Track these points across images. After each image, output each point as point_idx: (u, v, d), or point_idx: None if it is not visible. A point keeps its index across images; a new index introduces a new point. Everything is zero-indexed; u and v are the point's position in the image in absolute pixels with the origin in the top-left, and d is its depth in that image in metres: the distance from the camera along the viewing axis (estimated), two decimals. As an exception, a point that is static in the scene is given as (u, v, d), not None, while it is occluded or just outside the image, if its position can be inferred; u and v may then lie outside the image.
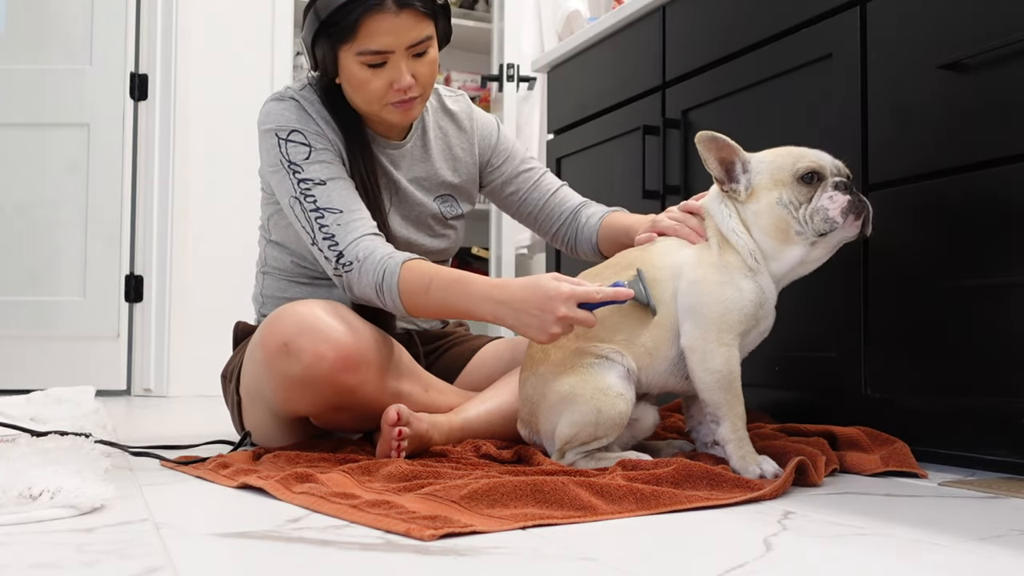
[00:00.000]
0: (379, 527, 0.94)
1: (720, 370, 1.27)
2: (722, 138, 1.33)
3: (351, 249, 1.45)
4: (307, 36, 1.50)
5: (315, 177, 1.50)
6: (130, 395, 3.40)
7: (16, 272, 3.38)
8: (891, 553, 0.87)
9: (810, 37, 1.64)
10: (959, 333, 1.35)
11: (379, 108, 1.52)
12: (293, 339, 1.38)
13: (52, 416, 1.93)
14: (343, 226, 1.47)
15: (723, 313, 1.28)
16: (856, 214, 1.28)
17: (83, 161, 3.40)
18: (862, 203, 1.29)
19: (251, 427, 1.57)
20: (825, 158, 1.32)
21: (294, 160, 1.51)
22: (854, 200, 1.28)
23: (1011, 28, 1.28)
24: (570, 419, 1.30)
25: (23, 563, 0.80)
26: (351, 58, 1.47)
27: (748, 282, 1.30)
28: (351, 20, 1.43)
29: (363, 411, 1.44)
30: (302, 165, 1.51)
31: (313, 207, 1.48)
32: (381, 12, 1.43)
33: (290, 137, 1.52)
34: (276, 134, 1.53)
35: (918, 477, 1.32)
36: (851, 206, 1.28)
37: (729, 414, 1.26)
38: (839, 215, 1.28)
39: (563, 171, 2.50)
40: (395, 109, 1.52)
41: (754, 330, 1.32)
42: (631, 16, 2.17)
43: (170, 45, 3.41)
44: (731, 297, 1.28)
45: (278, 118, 1.54)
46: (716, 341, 1.27)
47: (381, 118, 1.56)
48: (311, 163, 1.51)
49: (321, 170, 1.51)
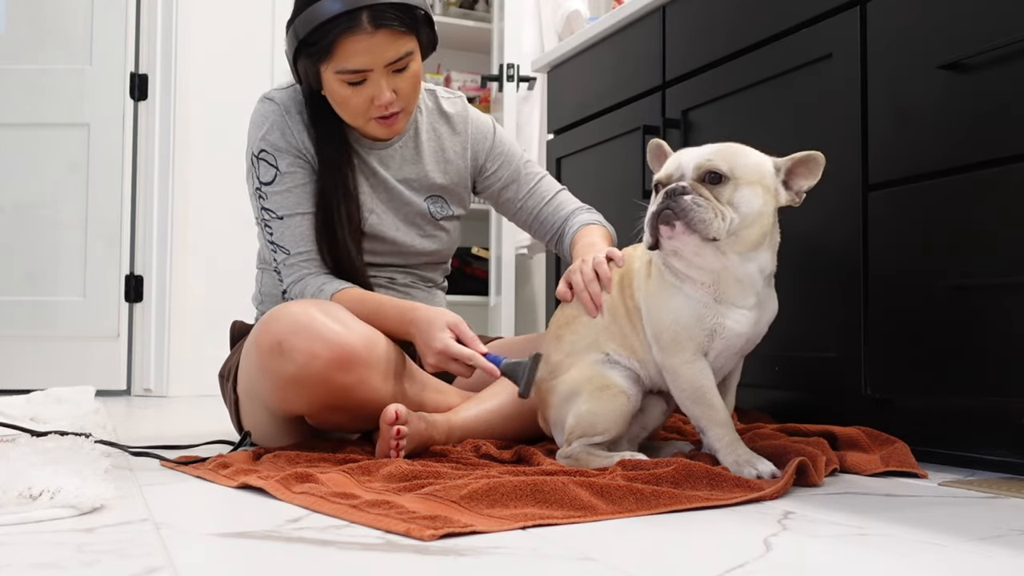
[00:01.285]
0: (379, 527, 0.94)
1: (686, 388, 1.27)
2: (662, 145, 1.34)
3: (291, 289, 1.58)
4: (288, 52, 1.52)
5: (275, 210, 1.58)
6: (130, 395, 3.40)
7: (16, 272, 3.38)
8: (891, 553, 0.87)
9: (810, 37, 1.64)
10: (959, 333, 1.35)
11: (363, 123, 1.55)
12: (287, 338, 1.38)
13: (52, 416, 1.93)
14: (287, 267, 1.58)
15: (668, 331, 1.27)
16: (665, 223, 1.19)
17: (83, 161, 3.40)
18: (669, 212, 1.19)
19: (249, 427, 1.57)
20: (680, 162, 1.23)
21: (263, 180, 1.59)
22: (659, 209, 1.20)
23: (1011, 28, 1.28)
24: (575, 411, 1.33)
25: (23, 563, 0.80)
26: (331, 75, 1.49)
27: (677, 298, 1.27)
28: (327, 41, 1.44)
29: (359, 411, 1.44)
30: (266, 191, 1.59)
31: (269, 239, 1.60)
32: (356, 33, 1.43)
33: (261, 156, 1.59)
34: (252, 154, 1.60)
35: (918, 477, 1.32)
36: (654, 217, 1.21)
37: (709, 424, 1.27)
38: (646, 228, 1.22)
39: (563, 171, 2.50)
40: (378, 124, 1.55)
41: (716, 341, 1.26)
42: (631, 16, 2.17)
43: (170, 45, 3.41)
44: (667, 315, 1.27)
45: (256, 129, 1.60)
46: (676, 358, 1.26)
47: (366, 132, 1.60)
48: (275, 190, 1.58)
49: (281, 202, 1.58)
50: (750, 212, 1.22)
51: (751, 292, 1.27)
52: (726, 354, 1.30)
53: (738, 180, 1.21)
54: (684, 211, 1.18)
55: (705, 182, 1.21)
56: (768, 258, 1.28)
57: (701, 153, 1.24)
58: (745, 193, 1.22)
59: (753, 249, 1.25)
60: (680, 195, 1.19)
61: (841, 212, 1.54)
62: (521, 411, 1.54)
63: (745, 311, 1.27)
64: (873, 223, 1.49)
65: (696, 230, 1.18)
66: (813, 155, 1.26)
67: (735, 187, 1.21)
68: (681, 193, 1.19)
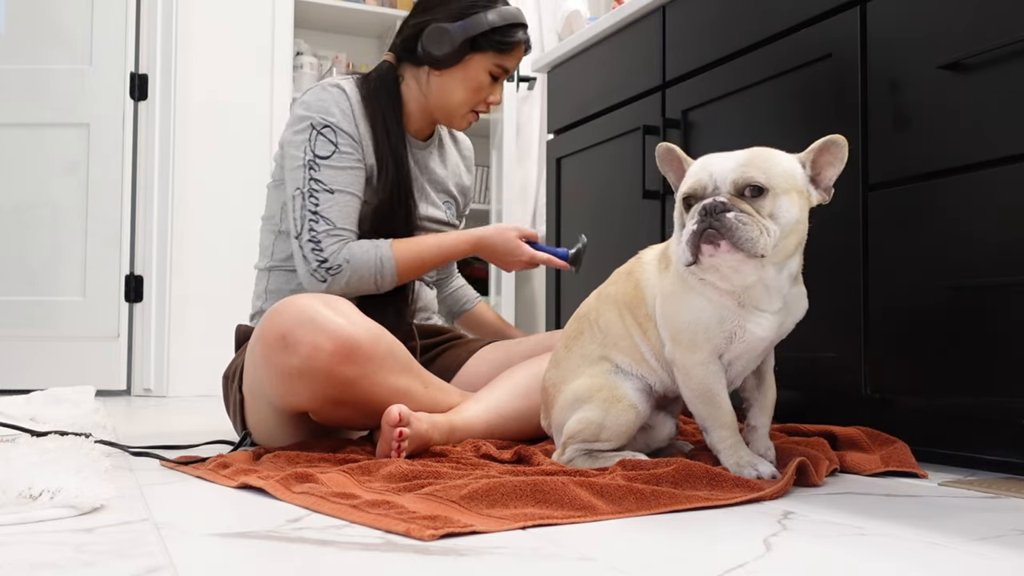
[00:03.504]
0: (379, 527, 0.94)
1: (697, 388, 1.25)
2: (674, 149, 1.28)
3: (336, 256, 1.61)
4: (459, 29, 1.69)
5: (327, 182, 1.62)
6: (130, 395, 3.40)
7: (16, 272, 3.38)
8: (891, 553, 0.87)
9: (810, 37, 1.64)
10: (959, 333, 1.35)
11: (465, 110, 1.77)
12: (291, 331, 1.39)
13: (52, 416, 1.93)
14: (330, 237, 1.61)
15: (687, 330, 1.24)
16: (710, 242, 1.13)
17: (83, 161, 3.40)
18: (713, 231, 1.13)
19: (253, 425, 1.58)
20: (713, 173, 1.17)
21: (318, 155, 1.62)
22: (701, 228, 1.14)
23: (1011, 28, 1.28)
24: (579, 415, 1.32)
25: (23, 563, 0.80)
26: (485, 63, 1.73)
27: (699, 300, 1.23)
28: (511, 39, 1.73)
29: (362, 406, 1.44)
30: (320, 164, 1.62)
31: (312, 209, 1.61)
32: (524, 47, 1.78)
33: (323, 131, 1.63)
34: (312, 123, 1.63)
35: (918, 477, 1.32)
36: (696, 236, 1.14)
37: (714, 425, 1.26)
38: (686, 247, 1.16)
39: (563, 171, 2.50)
40: (468, 117, 1.79)
41: (735, 345, 1.23)
42: (631, 16, 2.17)
43: (170, 45, 3.41)
44: (687, 316, 1.24)
45: (319, 107, 1.65)
46: (689, 358, 1.24)
47: (450, 122, 1.79)
48: (330, 165, 1.63)
49: (335, 177, 1.63)
50: (789, 222, 1.17)
51: (778, 298, 1.23)
52: (747, 357, 1.26)
53: (775, 190, 1.16)
54: (730, 230, 1.12)
55: (744, 196, 1.15)
56: (798, 261, 1.25)
57: (735, 163, 1.17)
58: (783, 203, 1.17)
59: (789, 257, 1.22)
60: (722, 212, 1.13)
61: (841, 212, 1.54)
62: (521, 410, 1.54)
63: (769, 315, 1.23)
64: (873, 223, 1.49)
65: (742, 248, 1.13)
66: (833, 139, 1.20)
67: (774, 198, 1.16)
68: (723, 211, 1.13)
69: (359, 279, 1.62)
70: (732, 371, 1.27)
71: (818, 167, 1.22)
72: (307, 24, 3.95)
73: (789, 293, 1.25)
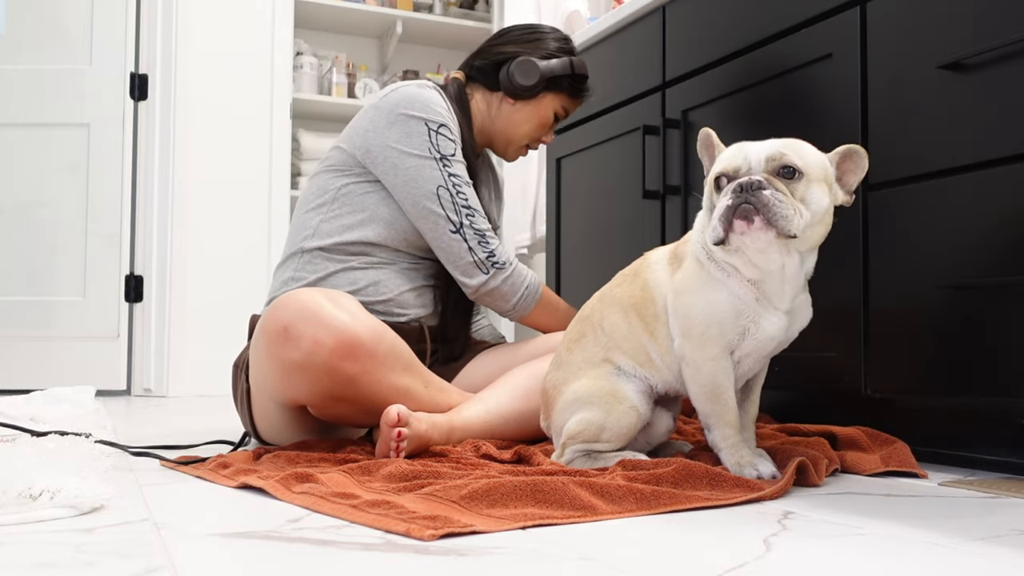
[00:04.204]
0: (379, 527, 0.94)
1: (705, 384, 1.25)
2: (711, 136, 1.30)
3: (504, 255, 1.69)
4: (547, 67, 1.79)
5: (462, 176, 1.68)
6: (130, 395, 3.40)
7: (16, 272, 3.38)
8: (891, 553, 0.87)
9: (810, 37, 1.64)
10: (959, 333, 1.35)
11: (519, 143, 1.87)
12: (293, 324, 1.39)
13: (52, 416, 1.93)
14: (493, 235, 1.70)
15: (700, 324, 1.24)
16: (744, 218, 1.14)
17: (83, 161, 3.40)
18: (749, 206, 1.14)
19: (258, 417, 1.58)
20: (748, 154, 1.19)
21: (444, 153, 1.67)
22: (736, 203, 1.15)
23: (1011, 28, 1.28)
24: (580, 416, 1.32)
25: (23, 563, 0.80)
26: (556, 103, 1.84)
27: (718, 292, 1.22)
28: (583, 87, 1.86)
29: (362, 403, 1.45)
30: (451, 160, 1.67)
31: (464, 203, 1.67)
32: (585, 96, 1.90)
33: (440, 131, 1.67)
34: (426, 123, 1.67)
35: (918, 477, 1.32)
36: (730, 211, 1.15)
37: (718, 423, 1.26)
38: (719, 222, 1.16)
39: (563, 171, 2.50)
40: (522, 150, 1.90)
41: (747, 341, 1.24)
42: (631, 16, 2.17)
43: (170, 45, 3.41)
44: (704, 309, 1.23)
45: (426, 107, 1.68)
46: (701, 353, 1.24)
47: (506, 150, 1.88)
48: (457, 160, 1.69)
49: (463, 171, 1.70)
50: (819, 210, 1.18)
51: (790, 295, 1.24)
52: (755, 356, 1.27)
53: (809, 176, 1.18)
54: (766, 206, 1.14)
55: (779, 176, 1.17)
56: (814, 259, 1.25)
57: (771, 146, 1.19)
58: (815, 190, 1.18)
59: (813, 249, 1.23)
60: (758, 189, 1.14)
61: (841, 212, 1.53)
62: (521, 412, 1.54)
63: (781, 314, 1.24)
64: (873, 223, 1.49)
65: (776, 226, 1.14)
66: (855, 149, 1.22)
67: (807, 184, 1.17)
68: (759, 188, 1.15)
69: (511, 286, 1.68)
70: (739, 370, 1.28)
71: (841, 171, 1.23)
72: (307, 24, 3.96)
73: (799, 297, 1.26)
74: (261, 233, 3.57)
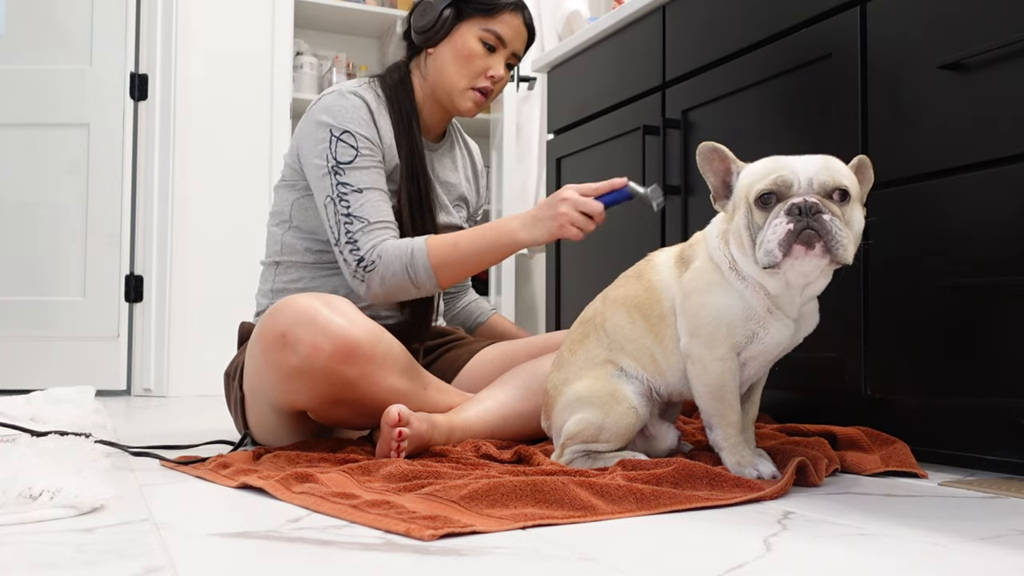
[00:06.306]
0: (379, 527, 0.94)
1: (711, 383, 1.25)
2: (720, 149, 1.24)
3: (370, 253, 1.58)
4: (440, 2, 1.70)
5: (354, 183, 1.61)
6: (130, 395, 3.40)
7: (16, 272, 3.38)
8: (891, 553, 0.87)
9: (810, 37, 1.64)
10: (959, 333, 1.35)
11: (464, 87, 1.73)
12: (291, 330, 1.39)
13: (52, 416, 1.93)
14: (366, 234, 1.59)
15: (710, 324, 1.23)
16: (805, 243, 1.11)
17: (83, 161, 3.40)
18: (811, 232, 1.11)
19: (253, 424, 1.58)
20: (797, 172, 1.14)
21: (340, 160, 1.62)
22: (798, 228, 1.11)
23: (1011, 28, 1.28)
24: (579, 416, 1.32)
25: (23, 563, 0.80)
26: (473, 31, 1.71)
27: (728, 296, 1.22)
28: (496, 5, 1.71)
29: (361, 406, 1.45)
30: (345, 168, 1.62)
31: (345, 212, 1.60)
32: (516, 15, 1.74)
33: (342, 137, 1.63)
34: (330, 130, 1.63)
35: (918, 477, 1.32)
36: (791, 236, 1.11)
37: (721, 422, 1.26)
38: (777, 247, 1.12)
39: (563, 171, 2.50)
40: (473, 95, 1.74)
41: (754, 345, 1.24)
42: (631, 16, 2.17)
43: (170, 45, 3.41)
44: (714, 309, 1.23)
45: (336, 114, 1.64)
46: (709, 353, 1.24)
47: (453, 103, 1.75)
48: (354, 168, 1.62)
49: (361, 177, 1.62)
50: (860, 232, 1.17)
51: (800, 305, 1.24)
52: (760, 360, 1.27)
53: (853, 197, 1.16)
54: (828, 233, 1.10)
55: (833, 199, 1.13)
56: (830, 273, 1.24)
57: (819, 165, 1.15)
58: (856, 212, 1.17)
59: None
60: (817, 213, 1.11)
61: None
62: (521, 412, 1.54)
63: (789, 321, 1.24)
64: (873, 223, 1.49)
65: (835, 253, 1.11)
66: (865, 161, 1.22)
67: (853, 206, 1.15)
68: (818, 212, 1.11)
69: (392, 274, 1.57)
70: (744, 373, 1.28)
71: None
72: (307, 24, 3.95)
73: (807, 305, 1.26)
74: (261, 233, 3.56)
